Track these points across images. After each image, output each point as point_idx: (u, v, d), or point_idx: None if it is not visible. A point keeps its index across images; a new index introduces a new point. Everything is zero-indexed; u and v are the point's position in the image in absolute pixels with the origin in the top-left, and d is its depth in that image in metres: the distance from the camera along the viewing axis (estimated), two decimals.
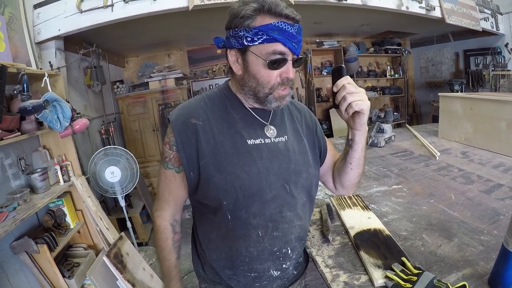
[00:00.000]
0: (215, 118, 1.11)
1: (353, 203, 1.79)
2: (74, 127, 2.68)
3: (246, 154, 1.08)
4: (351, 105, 0.98)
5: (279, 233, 1.13)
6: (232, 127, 1.11)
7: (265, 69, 1.03)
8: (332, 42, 6.72)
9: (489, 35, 5.26)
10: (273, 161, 1.11)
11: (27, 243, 2.30)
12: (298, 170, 1.16)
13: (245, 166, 1.07)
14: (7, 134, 2.16)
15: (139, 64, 5.99)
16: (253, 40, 1.00)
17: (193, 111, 1.12)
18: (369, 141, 3.08)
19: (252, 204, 1.08)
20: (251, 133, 1.12)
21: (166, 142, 1.14)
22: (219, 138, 1.09)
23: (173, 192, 1.18)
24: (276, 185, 1.10)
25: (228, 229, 1.12)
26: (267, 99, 1.08)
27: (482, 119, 2.70)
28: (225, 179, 1.06)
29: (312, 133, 1.31)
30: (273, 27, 0.98)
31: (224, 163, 1.07)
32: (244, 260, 1.14)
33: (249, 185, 1.06)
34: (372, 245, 1.37)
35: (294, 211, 1.15)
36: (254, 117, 1.15)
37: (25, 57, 2.81)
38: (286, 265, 1.19)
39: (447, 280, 1.13)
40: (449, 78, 6.46)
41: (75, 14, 2.95)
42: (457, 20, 4.24)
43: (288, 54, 1.02)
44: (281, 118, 1.22)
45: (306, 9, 4.11)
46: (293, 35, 1.01)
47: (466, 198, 1.80)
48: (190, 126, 1.08)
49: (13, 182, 2.52)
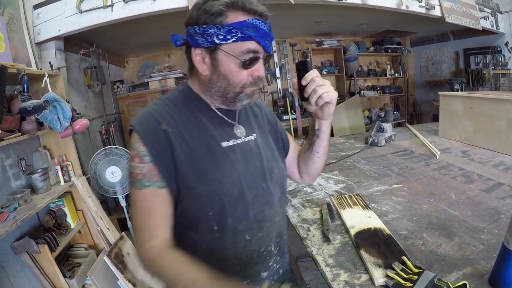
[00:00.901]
0: (183, 123, 1.02)
1: (354, 202, 1.79)
2: (74, 127, 2.69)
3: (224, 158, 1.03)
4: (322, 97, 1.00)
5: (264, 233, 1.11)
6: (203, 131, 1.04)
7: (237, 68, 0.98)
8: (332, 41, 6.72)
9: (489, 34, 5.26)
10: (248, 161, 1.09)
11: (28, 243, 2.31)
12: (271, 167, 1.16)
13: (225, 171, 1.02)
14: (8, 135, 2.16)
15: (139, 64, 5.99)
16: (226, 38, 0.93)
17: (160, 116, 1.00)
18: (369, 140, 3.08)
19: (236, 209, 1.03)
20: (223, 135, 1.07)
21: (133, 155, 0.97)
22: (192, 144, 1.00)
23: (160, 213, 0.98)
24: (255, 185, 1.08)
25: (215, 240, 1.03)
26: (238, 98, 1.03)
27: (482, 118, 2.69)
28: (208, 188, 0.99)
29: (274, 127, 1.31)
30: (247, 24, 0.93)
31: (204, 171, 0.99)
32: (235, 269, 1.07)
33: (232, 190, 1.02)
34: (372, 244, 1.37)
35: (273, 208, 1.14)
36: (221, 118, 1.10)
37: (25, 57, 2.81)
38: (271, 262, 1.17)
39: (448, 279, 1.13)
40: (449, 77, 6.47)
41: (75, 15, 2.95)
42: (457, 19, 4.24)
43: (260, 52, 0.99)
44: (246, 117, 1.20)
45: (306, 8, 4.12)
46: (267, 32, 0.97)
47: (467, 197, 1.80)
48: (161, 133, 0.97)
49: (14, 183, 2.52)
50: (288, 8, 3.52)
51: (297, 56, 6.80)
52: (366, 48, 7.11)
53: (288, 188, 2.15)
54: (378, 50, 7.11)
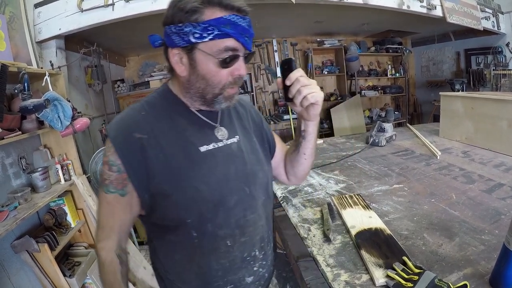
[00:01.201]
0: (160, 128, 0.99)
1: (354, 202, 1.79)
2: (75, 126, 2.69)
3: (202, 164, 1.00)
4: (307, 98, 0.96)
5: (247, 238, 1.09)
6: (181, 135, 1.01)
7: (216, 67, 0.93)
8: (333, 41, 6.73)
9: (490, 35, 5.26)
10: (230, 165, 1.05)
11: (28, 242, 2.31)
12: (254, 170, 1.12)
13: (204, 177, 0.99)
14: (8, 133, 2.16)
15: (139, 63, 6.00)
16: (202, 37, 0.89)
17: (134, 123, 0.97)
18: (370, 140, 3.08)
19: (216, 215, 1.01)
20: (202, 139, 1.03)
21: (105, 162, 0.98)
22: (169, 150, 0.97)
23: (119, 217, 1.02)
24: (237, 189, 1.05)
25: (194, 247, 1.03)
26: (216, 100, 0.99)
27: (483, 119, 2.69)
28: (185, 196, 0.97)
29: (259, 128, 1.27)
30: (225, 21, 0.88)
31: (180, 178, 0.97)
32: (217, 274, 1.07)
33: (211, 196, 1.00)
34: (373, 244, 1.37)
35: (256, 212, 1.11)
36: (202, 120, 1.06)
37: (26, 56, 2.82)
38: (256, 267, 1.15)
39: (448, 279, 1.12)
40: (450, 77, 6.47)
41: (75, 13, 2.96)
42: (458, 19, 4.24)
43: (240, 50, 0.95)
44: (229, 118, 1.16)
45: (307, 8, 4.12)
46: (246, 28, 0.92)
47: (467, 198, 1.79)
48: (134, 142, 0.94)
49: (14, 181, 2.52)
50: (289, 7, 3.52)
51: (298, 55, 6.81)
52: (367, 48, 7.11)
53: (288, 187, 2.15)
54: (379, 50, 7.11)
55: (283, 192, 2.10)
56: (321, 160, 2.72)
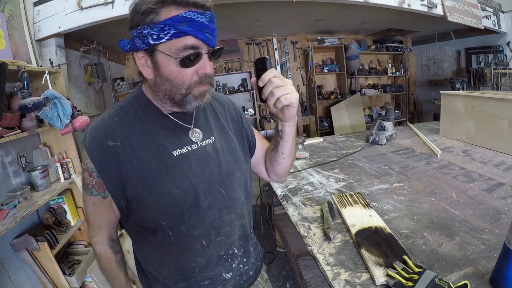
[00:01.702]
0: (133, 133, 0.99)
1: (354, 201, 1.79)
2: (74, 124, 2.68)
3: (175, 168, 1.00)
4: (280, 100, 0.92)
5: (223, 237, 1.11)
6: (154, 140, 1.01)
7: (177, 68, 0.91)
8: (333, 39, 6.73)
9: (491, 33, 5.25)
10: (204, 168, 1.05)
11: (27, 240, 2.31)
12: (231, 171, 1.12)
13: (176, 181, 1.00)
14: (8, 132, 2.16)
15: None
16: (160, 38, 0.87)
17: (108, 131, 0.98)
18: (370, 138, 3.08)
19: (190, 217, 1.02)
20: (176, 143, 1.03)
21: (84, 168, 1.01)
22: (142, 155, 0.98)
23: (104, 217, 1.08)
24: (211, 191, 1.06)
25: (171, 245, 1.06)
26: (186, 100, 0.97)
27: (483, 118, 2.69)
28: (158, 200, 0.98)
29: (239, 125, 1.25)
30: (180, 18, 0.85)
31: (153, 183, 0.98)
32: (194, 271, 1.10)
33: (184, 200, 1.00)
34: (373, 243, 1.37)
35: (233, 212, 1.12)
36: (175, 122, 1.05)
37: (25, 54, 2.81)
38: (235, 264, 1.18)
39: (449, 279, 1.12)
40: (451, 76, 6.47)
41: (75, 11, 2.95)
42: (459, 18, 4.23)
43: (201, 47, 0.91)
44: (205, 118, 1.14)
45: (307, 6, 4.11)
46: (205, 24, 0.88)
47: (468, 197, 1.79)
48: (108, 150, 0.96)
49: (14, 180, 2.52)
50: (289, 5, 3.51)
51: (298, 54, 6.80)
52: (367, 47, 7.12)
53: (289, 186, 2.15)
54: (380, 48, 7.10)
55: (283, 190, 2.10)
56: (321, 158, 2.72)
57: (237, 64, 6.44)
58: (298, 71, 6.88)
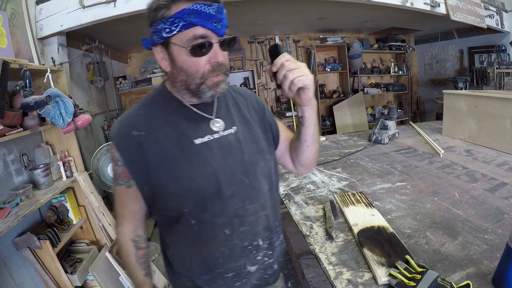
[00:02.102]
0: (157, 124, 1.06)
1: (357, 200, 1.79)
2: (76, 122, 2.68)
3: (196, 155, 1.05)
4: (294, 82, 0.94)
5: (247, 227, 1.11)
6: (176, 129, 1.06)
7: (189, 57, 0.96)
8: (336, 38, 6.70)
9: (494, 33, 5.23)
10: (226, 156, 1.08)
11: (29, 239, 2.31)
12: (254, 160, 1.14)
13: (197, 169, 1.04)
14: (10, 130, 2.16)
15: (142, 60, 5.99)
16: (171, 30, 0.94)
17: (133, 122, 1.06)
18: (373, 138, 3.07)
19: (212, 205, 1.05)
20: (197, 132, 1.07)
21: (112, 158, 1.09)
22: (166, 145, 1.04)
23: (129, 207, 1.15)
24: (234, 180, 1.08)
25: (195, 234, 1.09)
26: (200, 90, 1.01)
27: (486, 117, 2.68)
28: (180, 186, 1.03)
29: (261, 117, 1.27)
30: (188, 11, 0.91)
31: (176, 170, 1.03)
32: (217, 261, 1.12)
33: (206, 187, 1.04)
34: (375, 242, 1.36)
35: (257, 202, 1.13)
36: (196, 113, 1.10)
37: (27, 53, 2.81)
38: (260, 256, 1.18)
39: (451, 278, 1.12)
40: (453, 75, 6.45)
41: (77, 10, 2.94)
42: (462, 17, 4.22)
43: (211, 37, 0.96)
44: (227, 109, 1.18)
45: (309, 4, 4.10)
46: (212, 15, 0.94)
47: (470, 197, 1.79)
48: (133, 140, 1.03)
49: (16, 178, 2.52)
50: (292, 4, 3.51)
51: (301, 52, 6.79)
52: (370, 45, 7.09)
53: (291, 185, 2.14)
54: (382, 47, 7.08)
55: (285, 189, 2.09)
56: (324, 157, 2.71)
57: (239, 62, 6.43)
58: None
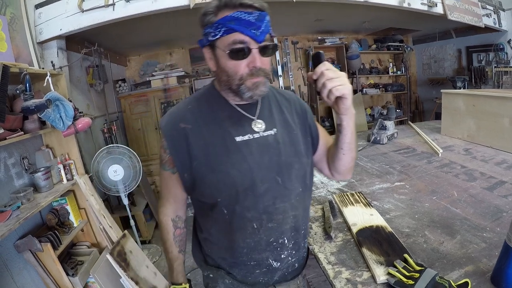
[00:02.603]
0: (203, 119, 1.15)
1: (356, 200, 1.79)
2: (76, 126, 2.69)
3: (236, 152, 1.11)
4: (332, 91, 0.98)
5: (274, 224, 1.16)
6: (221, 126, 1.14)
7: (229, 60, 1.04)
8: (334, 39, 6.70)
9: (491, 32, 5.24)
10: (263, 155, 1.13)
11: (31, 241, 2.31)
12: (290, 162, 1.18)
13: (235, 164, 1.10)
14: (10, 134, 2.17)
15: (141, 62, 5.99)
16: (215, 34, 1.03)
17: (181, 115, 1.16)
18: (372, 138, 3.08)
19: (245, 199, 1.11)
20: (239, 130, 1.14)
21: (161, 146, 1.21)
22: (209, 139, 1.12)
23: (172, 191, 1.26)
24: (268, 178, 1.13)
25: (226, 223, 1.16)
26: (240, 90, 1.07)
27: (485, 116, 2.69)
28: (217, 178, 1.10)
29: (303, 121, 1.30)
30: (230, 18, 0.99)
31: (215, 163, 1.11)
32: (242, 251, 1.19)
33: (241, 181, 1.10)
34: (374, 242, 1.37)
35: (288, 202, 1.17)
36: (240, 113, 1.17)
37: (27, 57, 2.82)
38: (284, 255, 1.22)
39: (450, 277, 1.13)
40: (452, 75, 6.45)
41: (76, 14, 2.96)
42: (459, 17, 4.23)
43: (250, 43, 1.02)
44: (269, 111, 1.23)
45: (307, 6, 4.11)
46: (252, 22, 0.99)
47: (469, 195, 1.79)
48: (180, 131, 1.13)
49: (17, 181, 2.53)
50: (289, 6, 3.51)
51: (299, 54, 6.80)
52: (368, 46, 7.09)
53: None
54: (380, 48, 7.08)
55: None
56: None
57: None
58: (299, 71, 6.87)
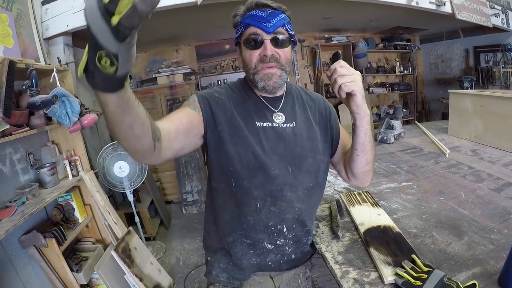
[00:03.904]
0: (233, 100, 1.25)
1: (363, 200, 1.79)
2: (82, 122, 2.69)
3: (254, 133, 1.19)
4: (341, 87, 1.04)
5: (276, 209, 1.21)
6: (246, 109, 1.24)
7: (246, 51, 1.19)
8: (341, 37, 6.67)
9: (499, 32, 5.19)
10: (279, 144, 1.21)
11: (35, 237, 2.32)
12: (304, 155, 1.23)
13: (252, 142, 1.17)
14: (16, 129, 2.17)
15: (147, 59, 6.00)
16: (238, 31, 1.21)
17: (216, 91, 1.27)
18: (378, 137, 3.07)
19: (255, 176, 1.18)
20: (261, 117, 1.23)
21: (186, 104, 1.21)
22: (236, 113, 1.21)
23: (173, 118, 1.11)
24: (279, 165, 1.19)
25: (231, 195, 1.22)
26: (255, 80, 1.19)
27: (492, 117, 2.66)
28: (234, 148, 1.17)
29: (325, 121, 1.35)
30: (247, 16, 1.17)
31: (236, 135, 1.18)
32: (242, 226, 1.25)
33: (254, 160, 1.17)
34: (382, 242, 1.36)
35: (295, 193, 1.22)
36: (264, 104, 1.26)
37: (33, 53, 2.83)
38: (280, 242, 1.27)
39: (457, 278, 1.12)
40: (459, 75, 6.41)
41: (83, 10, 2.95)
42: (468, 16, 4.19)
43: (262, 34, 1.14)
44: (292, 107, 1.30)
45: (314, 4, 4.10)
46: (263, 17, 1.14)
47: (476, 196, 1.78)
48: (214, 97, 1.22)
49: (22, 177, 2.54)
50: (297, 4, 3.49)
51: (306, 52, 6.78)
52: (375, 45, 7.06)
53: None
54: (387, 46, 7.05)
55: None
56: None
57: None
58: (305, 69, 6.85)
